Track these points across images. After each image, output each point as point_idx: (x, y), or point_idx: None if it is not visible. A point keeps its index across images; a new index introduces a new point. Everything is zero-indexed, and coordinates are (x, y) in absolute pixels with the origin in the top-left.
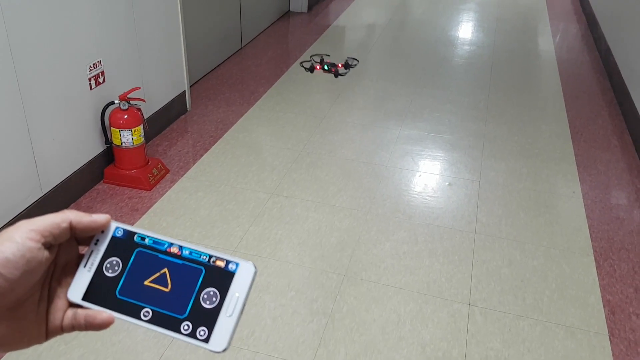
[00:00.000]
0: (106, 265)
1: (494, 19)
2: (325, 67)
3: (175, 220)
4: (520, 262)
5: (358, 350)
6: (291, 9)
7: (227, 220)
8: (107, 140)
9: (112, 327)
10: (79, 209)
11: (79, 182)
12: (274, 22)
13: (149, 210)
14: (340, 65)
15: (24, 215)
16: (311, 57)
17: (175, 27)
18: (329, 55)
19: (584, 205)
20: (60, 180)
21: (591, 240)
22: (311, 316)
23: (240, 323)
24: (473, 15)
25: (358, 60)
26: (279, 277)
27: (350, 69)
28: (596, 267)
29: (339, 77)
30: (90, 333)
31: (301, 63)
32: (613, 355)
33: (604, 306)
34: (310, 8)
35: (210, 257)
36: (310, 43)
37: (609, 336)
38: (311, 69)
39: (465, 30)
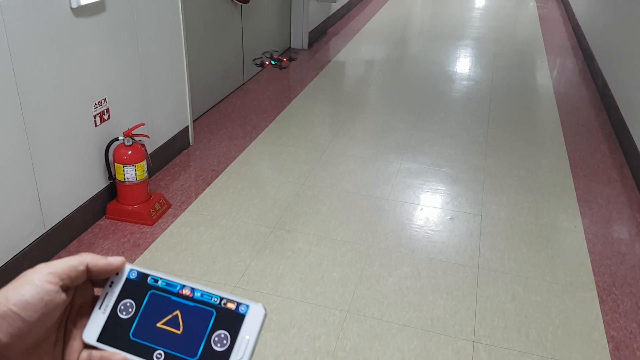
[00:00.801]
0: (120, 307)
1: (491, 54)
2: (273, 62)
3: (176, 255)
4: (523, 297)
5: None
6: (292, 46)
7: (229, 254)
8: (111, 176)
9: None
10: (81, 245)
11: (81, 218)
12: None
13: (151, 245)
14: (285, 60)
15: (26, 251)
16: (262, 54)
17: (179, 65)
18: (277, 52)
19: (586, 239)
20: (63, 217)
21: (594, 275)
22: (314, 355)
23: None
24: (471, 51)
25: (298, 53)
26: (280, 313)
27: (293, 61)
28: (599, 302)
29: (283, 70)
30: None
31: (253, 60)
32: None
33: (608, 342)
34: (310, 45)
35: (222, 299)
36: (311, 78)
37: None
38: (262, 64)
39: (464, 65)
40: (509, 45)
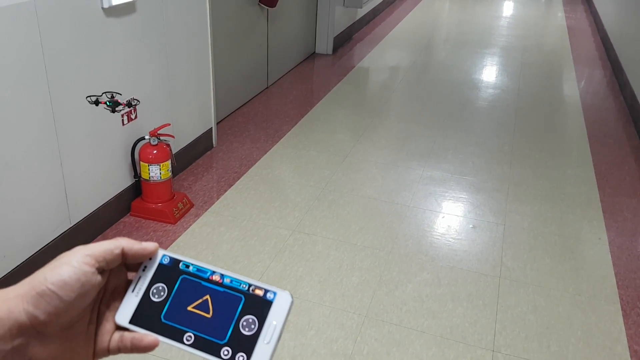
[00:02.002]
0: (153, 291)
1: (518, 63)
2: (108, 103)
3: (197, 254)
4: (545, 308)
5: None
6: (317, 51)
7: (249, 255)
8: (136, 174)
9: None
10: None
11: (106, 215)
12: (300, 63)
13: (173, 243)
14: (123, 104)
15: (52, 245)
16: (103, 93)
17: (205, 67)
18: (120, 94)
19: (610, 252)
20: (89, 213)
21: (617, 288)
22: (331, 357)
23: None
24: (497, 59)
25: (139, 101)
26: (299, 315)
27: (131, 108)
28: (623, 316)
29: (116, 112)
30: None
31: (87, 97)
32: None
33: (631, 357)
34: (335, 50)
35: (250, 285)
36: (335, 83)
37: None
38: (96, 103)
39: (490, 74)
40: (537, 55)
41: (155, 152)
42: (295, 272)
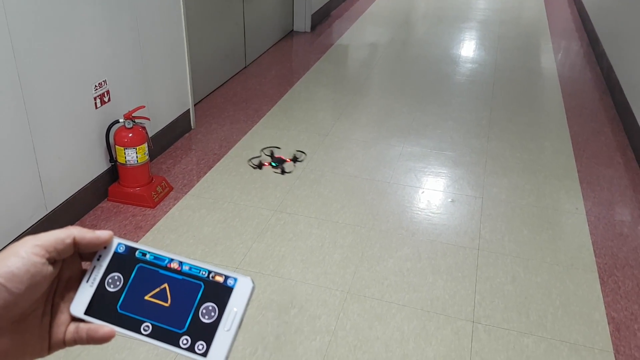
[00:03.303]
0: (108, 281)
1: (495, 37)
2: (273, 164)
3: (178, 237)
4: (523, 278)
5: None
6: (295, 29)
7: (231, 237)
8: (112, 158)
9: (114, 344)
10: (83, 226)
11: (83, 200)
12: (278, 41)
13: (153, 227)
14: (288, 160)
15: (28, 233)
16: (261, 150)
17: (179, 46)
18: (279, 148)
19: (588, 221)
20: (65, 199)
21: (595, 256)
22: (315, 334)
23: (243, 341)
24: (475, 33)
25: (306, 154)
26: (281, 294)
27: (298, 162)
28: (600, 284)
29: (286, 174)
30: (92, 353)
31: (250, 160)
32: None
33: (608, 323)
34: (313, 27)
35: (210, 272)
36: (314, 61)
37: (614, 353)
38: (260, 166)
39: (468, 48)
40: (514, 28)
41: (130, 135)
42: (277, 252)
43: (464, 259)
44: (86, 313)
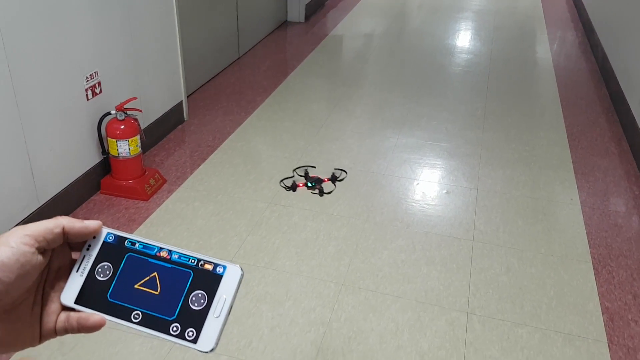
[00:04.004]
0: (98, 270)
1: (491, 27)
2: (309, 184)
3: (172, 230)
4: (518, 269)
5: (356, 359)
6: (288, 19)
7: (225, 229)
8: (104, 151)
9: (109, 338)
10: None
11: (75, 193)
12: (272, 32)
13: (146, 220)
14: (326, 180)
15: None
16: (294, 171)
17: (172, 37)
18: (314, 167)
19: (582, 212)
20: (57, 192)
21: (589, 247)
22: (309, 325)
23: (238, 333)
24: (470, 24)
25: (346, 172)
26: (276, 286)
27: (337, 182)
28: (594, 274)
29: (325, 195)
30: (86, 346)
31: (281, 181)
32: None
33: (602, 313)
34: (307, 18)
35: (199, 260)
36: (308, 52)
37: (608, 343)
38: (293, 188)
39: (463, 39)
40: (509, 18)
41: (122, 127)
42: (272, 244)
43: (458, 250)
44: (76, 302)
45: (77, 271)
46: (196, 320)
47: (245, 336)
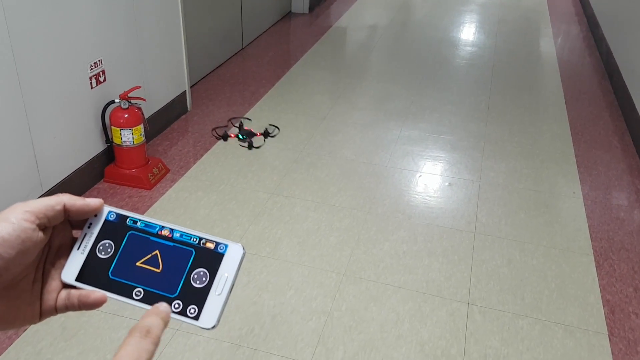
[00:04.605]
0: (99, 248)
1: (495, 20)
2: (240, 137)
3: (175, 219)
4: (519, 261)
5: (357, 348)
6: (292, 10)
7: (227, 219)
8: (108, 139)
9: (111, 324)
10: None
11: (79, 181)
12: (275, 22)
13: (149, 209)
14: (258, 134)
15: None
16: (229, 120)
17: (176, 27)
18: (250, 120)
19: (584, 205)
20: (61, 179)
21: (591, 240)
22: (310, 314)
23: (240, 321)
24: (475, 17)
25: (279, 129)
26: (278, 275)
27: (269, 137)
28: (596, 267)
29: (253, 149)
30: (89, 332)
31: (214, 129)
32: (612, 354)
33: (603, 305)
34: (311, 9)
35: (200, 239)
36: (312, 44)
37: (609, 335)
38: (225, 137)
39: (467, 31)
40: (514, 12)
41: (126, 116)
42: (274, 235)
43: (460, 242)
44: (77, 280)
45: (78, 249)
46: (198, 298)
47: (247, 324)
